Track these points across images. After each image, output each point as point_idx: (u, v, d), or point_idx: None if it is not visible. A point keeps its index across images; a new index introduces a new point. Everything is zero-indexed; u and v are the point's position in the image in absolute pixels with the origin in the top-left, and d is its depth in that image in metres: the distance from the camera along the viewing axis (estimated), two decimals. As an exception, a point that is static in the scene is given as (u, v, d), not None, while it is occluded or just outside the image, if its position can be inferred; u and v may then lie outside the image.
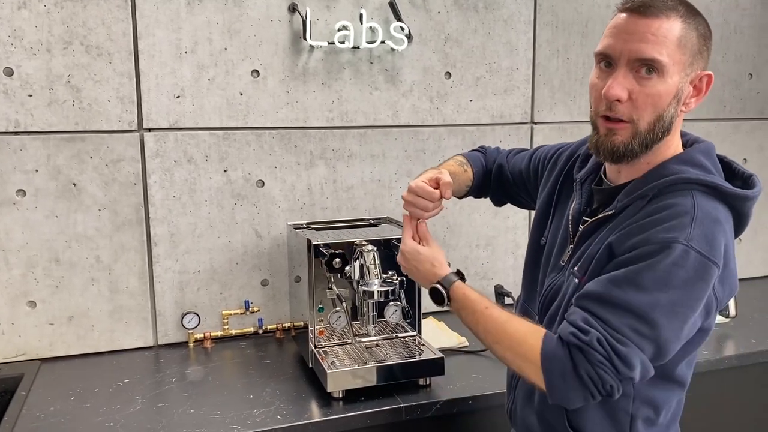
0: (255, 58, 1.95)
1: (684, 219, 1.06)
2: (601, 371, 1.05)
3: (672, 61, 1.07)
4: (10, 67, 1.74)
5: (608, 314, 1.05)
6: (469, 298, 1.25)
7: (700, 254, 1.04)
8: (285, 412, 1.52)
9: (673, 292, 1.04)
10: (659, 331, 1.04)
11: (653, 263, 1.04)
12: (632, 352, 1.04)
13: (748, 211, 1.14)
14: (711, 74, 1.12)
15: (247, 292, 2.03)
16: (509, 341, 1.16)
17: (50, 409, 1.56)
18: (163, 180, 1.90)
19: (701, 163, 1.13)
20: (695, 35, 1.09)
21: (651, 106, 1.09)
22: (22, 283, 1.82)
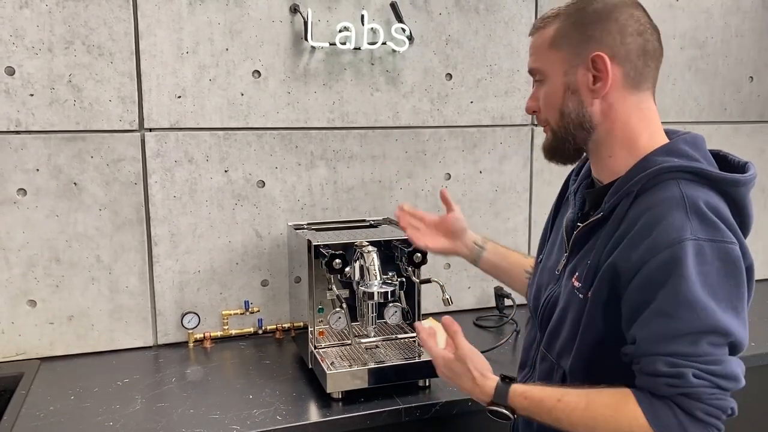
0: (256, 58, 1.95)
1: (678, 213, 1.02)
2: (716, 401, 1.01)
3: (546, 62, 1.14)
4: (11, 67, 1.74)
5: (682, 346, 1.00)
6: (534, 400, 1.14)
7: (714, 241, 1.00)
8: (284, 412, 1.52)
9: (717, 291, 1.00)
10: (733, 333, 1.01)
11: (680, 272, 0.99)
12: (728, 365, 1.01)
13: (743, 199, 1.08)
14: (600, 54, 1.08)
15: (247, 293, 2.03)
16: (605, 424, 1.06)
17: (50, 408, 1.56)
18: (163, 180, 1.90)
19: (686, 153, 1.09)
20: (574, 28, 1.11)
21: (548, 106, 1.15)
22: (23, 282, 1.82)
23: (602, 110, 1.12)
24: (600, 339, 1.11)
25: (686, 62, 2.48)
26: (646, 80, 1.13)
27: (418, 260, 1.69)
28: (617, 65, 1.10)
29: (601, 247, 1.11)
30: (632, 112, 1.12)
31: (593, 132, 1.13)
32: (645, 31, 1.11)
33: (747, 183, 1.08)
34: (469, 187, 2.25)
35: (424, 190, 2.19)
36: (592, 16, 1.10)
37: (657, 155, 1.10)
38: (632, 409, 1.03)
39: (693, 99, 2.52)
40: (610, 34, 1.09)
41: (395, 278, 1.71)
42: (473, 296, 2.31)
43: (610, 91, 1.11)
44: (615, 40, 1.09)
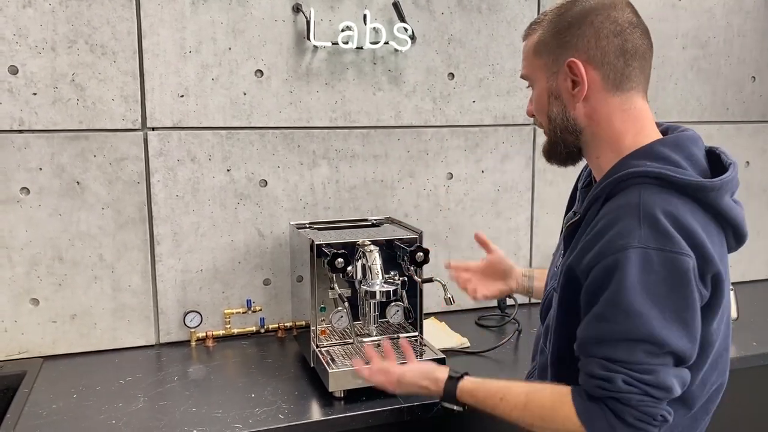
0: (259, 57, 1.95)
1: (630, 220, 1.02)
2: (644, 407, 1.02)
3: (532, 69, 1.19)
4: (14, 66, 1.74)
5: (617, 352, 1.03)
6: (478, 398, 1.23)
7: (662, 251, 1.00)
8: (286, 411, 1.53)
9: (660, 300, 1.00)
10: (670, 344, 1.01)
11: (621, 281, 1.00)
12: (661, 375, 1.02)
13: (715, 203, 1.06)
14: (573, 60, 1.10)
15: (249, 292, 2.04)
16: (542, 422, 1.12)
17: (53, 406, 1.56)
18: (166, 179, 1.91)
19: (663, 155, 1.07)
20: (551, 35, 1.14)
21: (537, 111, 1.21)
22: (26, 280, 1.83)
23: (585, 113, 1.14)
24: (570, 339, 1.14)
25: (688, 62, 2.48)
26: (629, 80, 1.12)
27: (420, 259, 1.69)
28: (594, 69, 1.11)
29: (574, 248, 1.13)
30: (615, 113, 1.12)
31: (580, 135, 1.16)
32: (623, 31, 1.10)
33: (716, 188, 1.05)
34: (471, 186, 2.25)
35: (426, 189, 2.19)
36: (569, 22, 1.12)
37: (632, 158, 1.10)
38: (567, 409, 1.07)
39: (695, 99, 2.52)
40: (585, 37, 1.10)
41: (397, 277, 1.71)
42: (475, 296, 2.31)
43: (591, 94, 1.12)
44: (590, 44, 1.10)
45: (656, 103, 2.46)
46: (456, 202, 2.24)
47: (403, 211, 2.18)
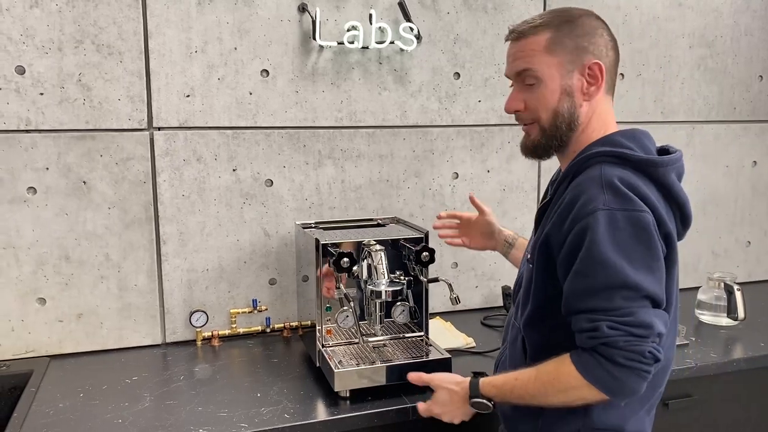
0: (264, 57, 1.95)
1: (594, 189, 1.16)
2: (632, 347, 1.12)
3: (545, 66, 1.25)
4: (21, 66, 1.75)
5: (598, 302, 1.14)
6: (497, 385, 1.31)
7: (625, 210, 1.14)
8: (292, 410, 1.53)
9: (629, 252, 1.13)
10: (645, 288, 1.13)
11: (593, 238, 1.13)
12: (640, 315, 1.12)
13: (663, 177, 1.21)
14: (599, 62, 1.25)
15: (255, 291, 2.04)
16: (552, 387, 1.21)
17: (59, 405, 1.57)
18: (172, 179, 1.91)
19: (620, 143, 1.23)
20: (569, 37, 1.25)
21: (542, 106, 1.27)
22: (32, 280, 1.83)
23: (586, 112, 1.27)
24: (547, 297, 1.26)
25: (695, 61, 2.47)
26: (613, 86, 1.31)
27: (426, 259, 1.69)
28: (605, 73, 1.26)
29: (545, 223, 1.27)
30: (602, 114, 1.29)
31: (575, 130, 1.28)
32: (615, 47, 1.29)
33: (664, 164, 1.21)
34: (476, 186, 2.24)
35: (431, 189, 2.19)
36: (583, 30, 1.26)
37: (594, 146, 1.25)
38: (568, 367, 1.18)
39: (702, 98, 2.51)
40: (599, 46, 1.26)
41: (403, 277, 1.71)
42: (481, 295, 2.31)
43: (596, 95, 1.27)
44: (602, 52, 1.26)
45: (662, 103, 2.45)
46: (462, 202, 2.24)
47: (409, 211, 2.18)
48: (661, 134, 2.45)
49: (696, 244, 2.60)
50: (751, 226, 2.67)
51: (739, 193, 2.63)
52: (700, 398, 1.85)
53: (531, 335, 1.32)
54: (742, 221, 2.65)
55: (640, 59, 2.39)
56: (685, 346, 1.94)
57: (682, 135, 2.50)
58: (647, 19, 2.37)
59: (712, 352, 1.90)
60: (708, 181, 2.57)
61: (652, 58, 2.41)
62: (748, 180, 2.63)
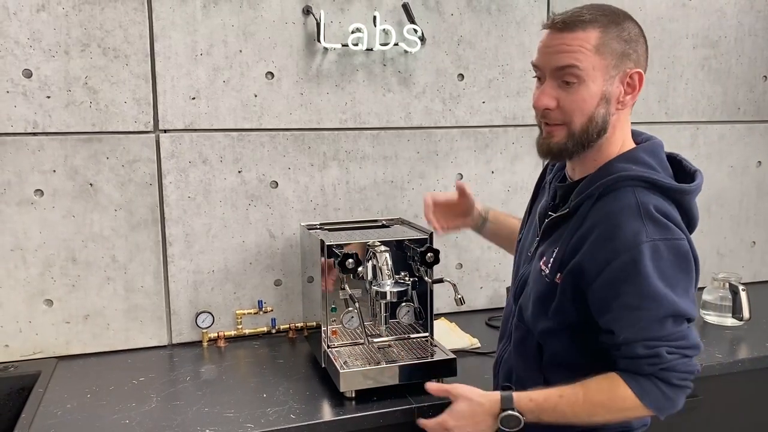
0: (269, 60, 1.96)
1: (635, 220, 1.16)
2: (686, 367, 1.20)
3: (591, 66, 1.18)
4: (29, 69, 1.76)
5: (654, 332, 1.18)
6: (537, 401, 1.26)
7: (666, 240, 1.16)
8: (298, 411, 1.53)
9: (672, 280, 1.16)
10: (687, 313, 1.19)
11: (640, 270, 1.15)
12: (690, 337, 1.20)
13: (689, 205, 1.24)
14: (640, 71, 1.22)
15: (261, 292, 2.05)
16: (603, 408, 1.23)
17: (67, 406, 1.58)
18: (178, 180, 1.92)
19: (644, 161, 1.23)
20: (617, 41, 1.19)
21: (578, 109, 1.20)
22: (40, 281, 1.85)
23: (616, 120, 1.24)
24: (572, 321, 1.27)
25: (699, 61, 2.47)
26: None
27: (431, 260, 1.69)
28: (643, 83, 1.24)
29: (566, 240, 1.25)
30: (625, 124, 1.28)
31: (601, 137, 1.24)
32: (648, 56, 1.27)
33: (693, 191, 1.24)
34: (481, 187, 2.25)
35: (436, 190, 2.20)
36: (631, 35, 1.21)
37: (619, 161, 1.24)
38: (623, 390, 1.20)
39: (706, 98, 2.51)
40: (640, 55, 1.23)
41: (407, 278, 1.72)
42: (485, 296, 2.32)
43: (629, 105, 1.25)
44: (643, 62, 1.24)
45: (666, 104, 2.45)
46: (466, 202, 2.24)
47: (414, 212, 2.18)
48: (666, 135, 2.45)
49: (701, 245, 2.57)
50: (756, 226, 2.66)
51: (744, 194, 2.62)
52: (706, 399, 1.85)
53: (551, 344, 1.31)
54: (747, 221, 2.65)
55: (644, 60, 2.39)
56: (690, 346, 1.94)
57: (686, 135, 2.50)
58: (651, 20, 2.38)
59: (717, 353, 1.89)
60: (713, 181, 2.56)
61: (656, 58, 2.41)
62: (753, 180, 2.63)
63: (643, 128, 1.38)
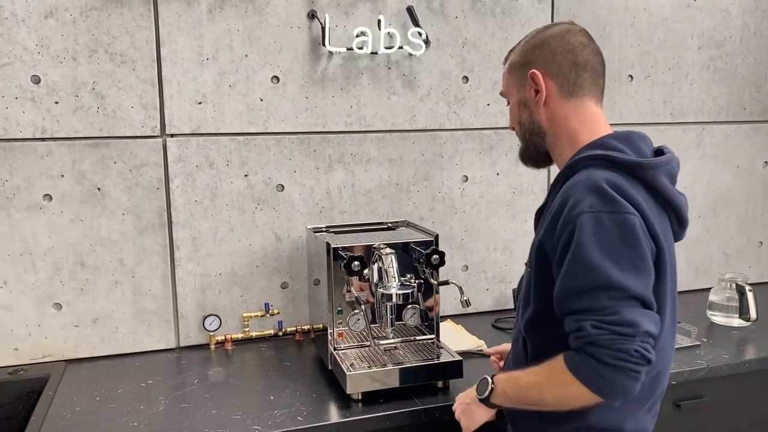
0: (275, 64, 1.98)
1: (581, 192, 1.19)
2: (617, 345, 1.12)
3: (508, 86, 1.40)
4: (37, 75, 1.78)
5: (584, 303, 1.15)
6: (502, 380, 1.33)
7: (611, 212, 1.15)
8: (305, 413, 1.54)
9: (612, 253, 1.14)
10: (629, 288, 1.13)
11: (579, 241, 1.15)
12: (624, 313, 1.12)
13: (653, 181, 1.23)
14: (534, 71, 1.31)
15: (267, 295, 2.06)
16: (547, 384, 1.23)
17: (76, 408, 1.59)
18: (185, 184, 1.94)
19: (612, 146, 1.26)
20: (519, 56, 1.35)
21: (512, 121, 1.41)
22: (49, 285, 1.86)
23: (547, 117, 1.33)
24: (548, 300, 1.25)
25: (704, 62, 2.47)
26: (582, 88, 1.31)
27: (436, 262, 1.70)
28: (551, 79, 1.31)
29: (540, 226, 1.32)
30: (571, 116, 1.31)
31: (545, 137, 1.34)
32: (573, 49, 1.30)
33: (652, 166, 1.23)
34: (486, 189, 2.25)
35: (441, 192, 2.20)
36: (532, 45, 1.34)
37: (587, 149, 1.28)
38: (561, 366, 1.19)
39: (712, 99, 2.50)
40: (543, 56, 1.32)
41: (413, 280, 1.72)
42: (491, 298, 2.32)
43: (549, 101, 1.32)
44: (547, 60, 1.31)
45: (672, 104, 2.45)
46: (471, 205, 2.25)
47: (419, 214, 2.19)
48: (672, 135, 2.45)
49: (707, 245, 2.59)
50: (762, 226, 2.65)
51: (750, 194, 2.62)
52: (712, 399, 1.85)
53: (532, 337, 1.33)
54: (754, 222, 2.64)
55: (649, 61, 2.39)
56: (697, 347, 1.94)
57: (692, 136, 2.49)
58: (656, 21, 2.38)
59: (724, 353, 1.89)
60: (719, 181, 2.56)
61: (661, 59, 2.41)
62: (759, 180, 2.62)
63: (648, 129, 1.40)
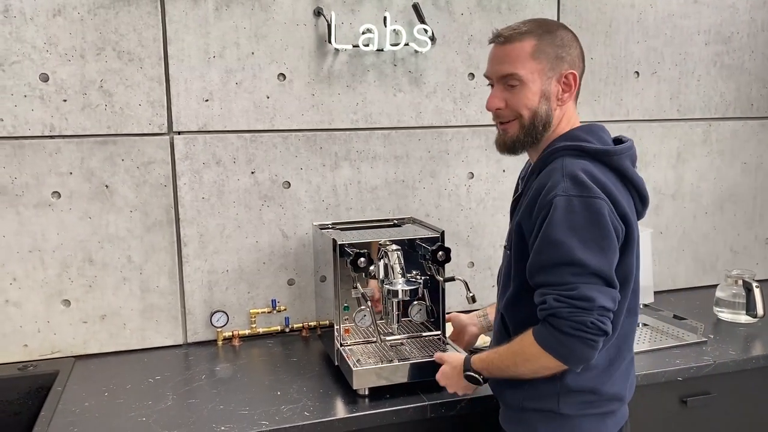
0: (281, 61, 1.98)
1: (556, 178, 1.29)
2: (575, 317, 1.23)
3: (528, 71, 1.36)
4: (45, 73, 1.79)
5: (548, 277, 1.27)
6: (482, 358, 1.44)
7: (581, 196, 1.26)
8: (312, 408, 1.55)
9: (579, 233, 1.24)
10: (588, 265, 1.24)
11: (549, 220, 1.26)
12: (583, 289, 1.23)
13: (619, 165, 1.35)
14: (574, 72, 1.38)
15: (274, 292, 2.07)
16: (519, 357, 1.34)
17: (85, 404, 1.61)
18: (192, 182, 1.95)
19: (579, 137, 1.37)
20: (550, 47, 1.36)
21: (524, 105, 1.38)
22: (57, 282, 1.88)
23: (558, 114, 1.40)
24: (525, 281, 1.35)
25: (711, 58, 2.46)
26: (578, 93, 1.44)
27: (442, 258, 1.70)
28: (577, 81, 1.40)
29: (517, 212, 1.41)
30: (570, 115, 1.42)
31: (547, 130, 1.40)
32: (584, 59, 1.43)
33: (618, 152, 1.35)
34: (492, 185, 2.26)
35: (447, 189, 2.21)
36: (563, 41, 1.38)
37: (558, 141, 1.38)
38: (529, 337, 1.31)
39: (719, 95, 2.50)
40: (575, 58, 1.39)
41: (419, 277, 1.73)
42: (497, 294, 2.32)
43: (567, 101, 1.40)
44: (577, 63, 1.40)
45: (678, 100, 2.44)
46: (477, 202, 2.25)
47: (425, 211, 2.19)
48: (678, 132, 2.45)
49: (714, 242, 2.58)
50: (770, 222, 2.65)
51: (757, 190, 2.61)
52: (719, 395, 1.85)
53: (511, 316, 1.43)
54: (761, 218, 2.63)
55: (655, 57, 2.39)
56: (704, 343, 1.94)
57: (699, 132, 2.49)
58: (662, 17, 2.37)
59: (730, 350, 1.89)
60: (726, 178, 2.55)
61: (667, 55, 2.40)
62: (766, 176, 2.61)
63: (655, 125, 1.41)
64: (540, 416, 1.38)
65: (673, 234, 2.53)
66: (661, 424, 1.81)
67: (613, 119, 2.35)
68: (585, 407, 1.36)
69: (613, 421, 1.40)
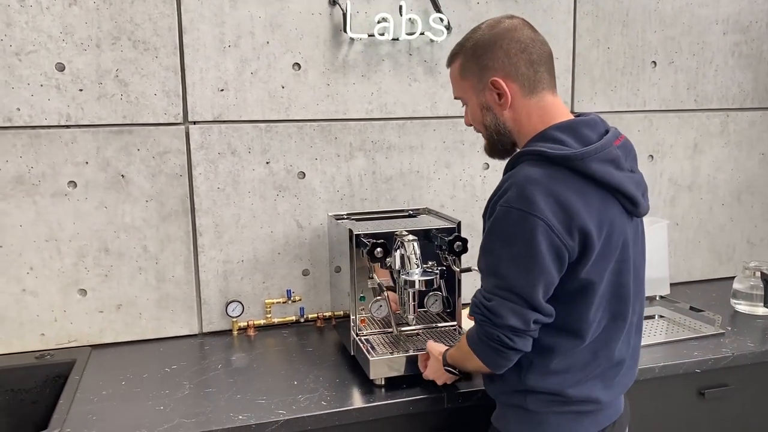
0: (296, 51, 1.97)
1: (507, 185, 1.27)
2: (484, 327, 1.27)
3: (462, 91, 1.41)
4: (61, 63, 1.79)
5: (481, 281, 1.31)
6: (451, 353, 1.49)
7: (520, 210, 1.22)
8: (329, 398, 1.55)
9: (508, 246, 1.24)
10: (509, 281, 1.24)
11: (489, 228, 1.28)
12: (498, 305, 1.25)
13: (583, 169, 1.25)
14: (495, 78, 1.32)
15: (289, 282, 2.07)
16: (465, 353, 1.38)
17: (102, 393, 1.61)
18: (207, 172, 1.95)
19: (552, 137, 1.30)
20: (471, 60, 1.36)
21: (474, 121, 1.44)
22: (74, 271, 1.88)
23: (511, 117, 1.36)
24: None
25: (729, 47, 2.43)
26: (540, 83, 1.34)
27: (459, 249, 1.70)
28: (512, 81, 1.33)
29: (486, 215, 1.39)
30: (533, 112, 1.35)
31: (511, 134, 1.38)
32: (527, 47, 1.33)
33: (578, 157, 1.24)
34: (507, 176, 2.24)
35: (462, 179, 2.20)
36: (484, 48, 1.34)
37: (530, 143, 1.33)
38: (464, 339, 1.37)
39: (737, 85, 2.47)
40: (498, 59, 1.33)
41: (435, 267, 1.72)
42: (512, 286, 2.31)
43: (513, 102, 1.34)
44: (503, 63, 1.33)
45: (696, 90, 2.42)
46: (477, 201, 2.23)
47: (440, 202, 2.19)
48: (695, 122, 2.42)
49: (731, 233, 2.56)
50: (787, 214, 2.62)
51: (775, 181, 2.59)
52: (737, 387, 1.84)
53: None
54: (779, 210, 2.61)
55: (672, 46, 2.36)
56: (721, 335, 1.93)
57: (716, 123, 2.46)
58: (680, 6, 2.34)
59: (748, 342, 1.88)
60: (743, 169, 2.53)
61: (684, 45, 2.38)
62: (784, 168, 2.59)
63: (671, 116, 1.38)
64: (512, 411, 1.39)
65: (690, 225, 2.51)
66: (679, 416, 1.80)
67: (630, 109, 2.33)
68: (553, 405, 1.34)
69: (591, 421, 1.35)
